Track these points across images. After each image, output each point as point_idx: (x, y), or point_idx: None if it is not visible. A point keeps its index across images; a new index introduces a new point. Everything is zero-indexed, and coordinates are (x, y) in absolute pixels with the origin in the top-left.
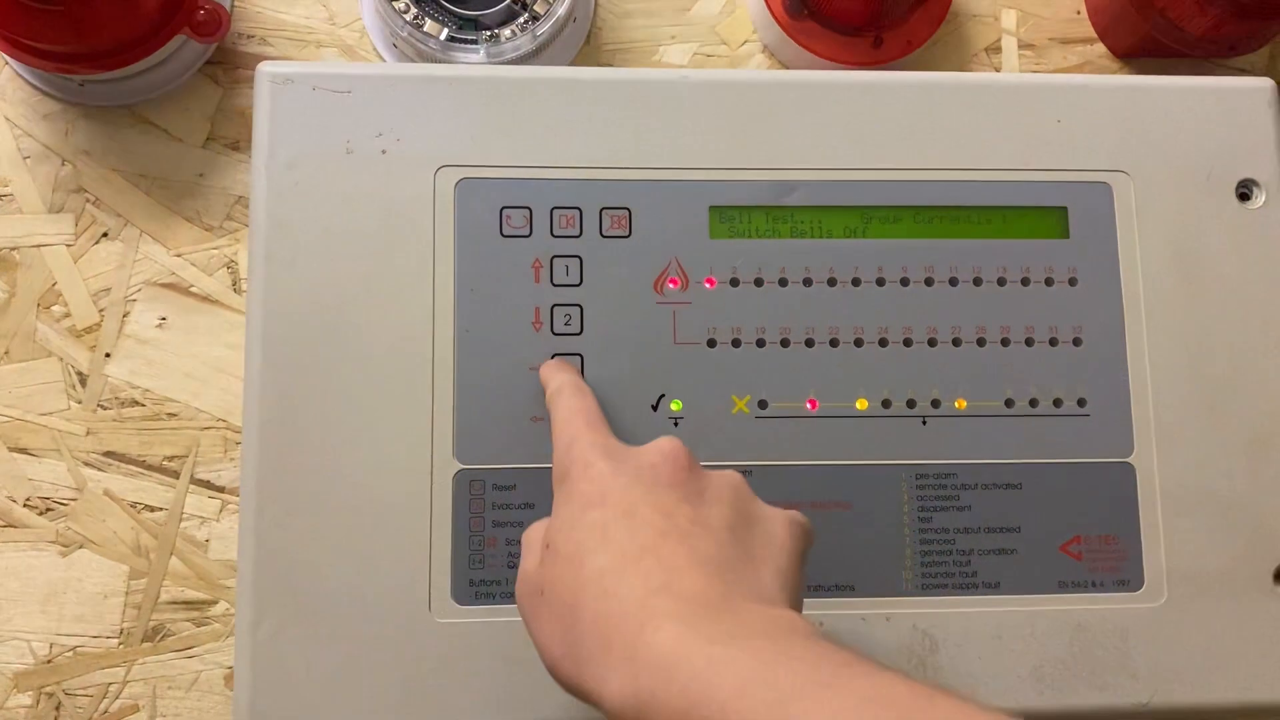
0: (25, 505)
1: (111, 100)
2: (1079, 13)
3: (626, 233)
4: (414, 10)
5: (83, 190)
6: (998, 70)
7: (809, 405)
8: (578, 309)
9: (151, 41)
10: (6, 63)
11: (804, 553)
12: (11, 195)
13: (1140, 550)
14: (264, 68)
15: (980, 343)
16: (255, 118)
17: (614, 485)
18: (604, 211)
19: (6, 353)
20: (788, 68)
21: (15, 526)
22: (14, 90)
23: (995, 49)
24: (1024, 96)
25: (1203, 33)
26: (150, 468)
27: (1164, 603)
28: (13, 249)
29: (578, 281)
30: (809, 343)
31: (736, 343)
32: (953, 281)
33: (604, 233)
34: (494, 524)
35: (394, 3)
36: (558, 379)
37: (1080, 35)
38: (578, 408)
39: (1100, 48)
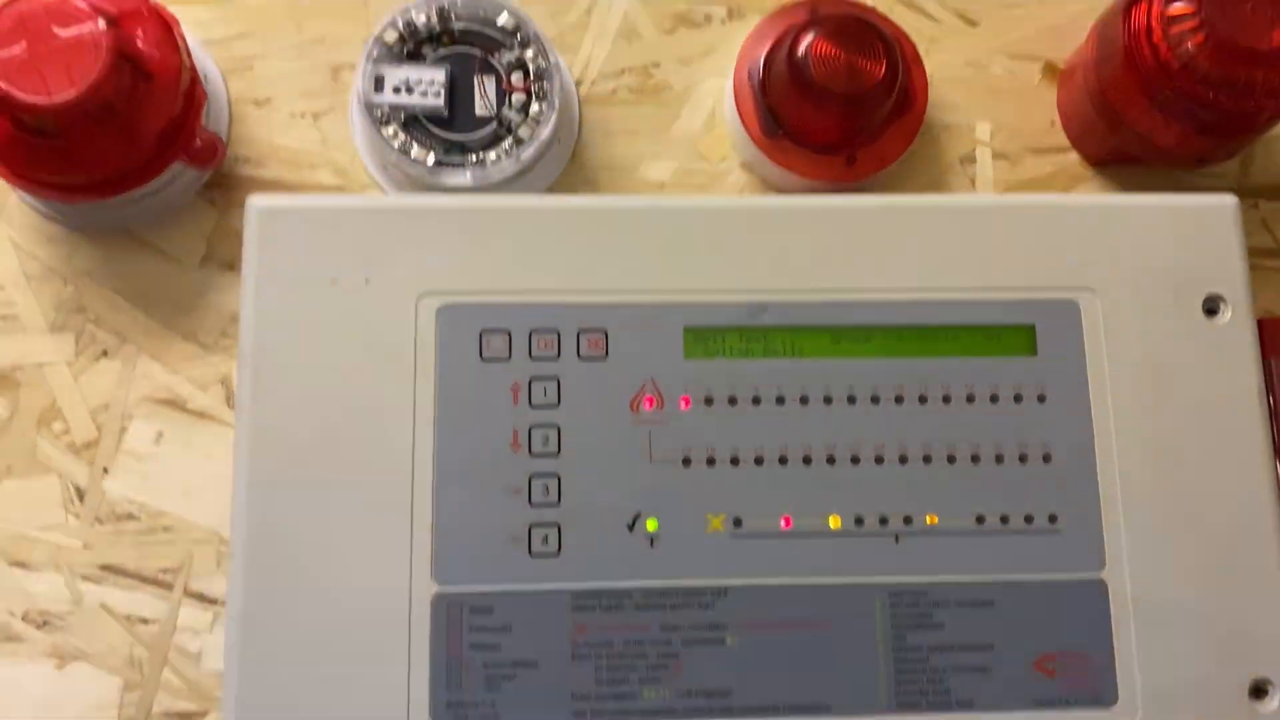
0: (24, 620)
1: (112, 224)
2: (1053, 123)
3: (603, 354)
4: (402, 137)
5: (84, 310)
6: (973, 181)
7: (783, 523)
8: (555, 430)
9: (149, 170)
10: (10, 189)
11: None
12: (16, 315)
13: (1114, 666)
14: (253, 201)
15: (950, 460)
16: (245, 249)
17: None
18: (581, 334)
19: (8, 469)
20: (765, 182)
21: (13, 640)
22: (19, 214)
23: (970, 159)
24: (990, 217)
25: (1170, 146)
26: (146, 580)
27: (1139, 719)
28: (15, 368)
29: (556, 403)
30: (783, 461)
31: (711, 461)
32: (922, 399)
33: (581, 355)
34: (471, 646)
35: (383, 129)
36: None
37: (1054, 144)
38: None
39: (1074, 156)
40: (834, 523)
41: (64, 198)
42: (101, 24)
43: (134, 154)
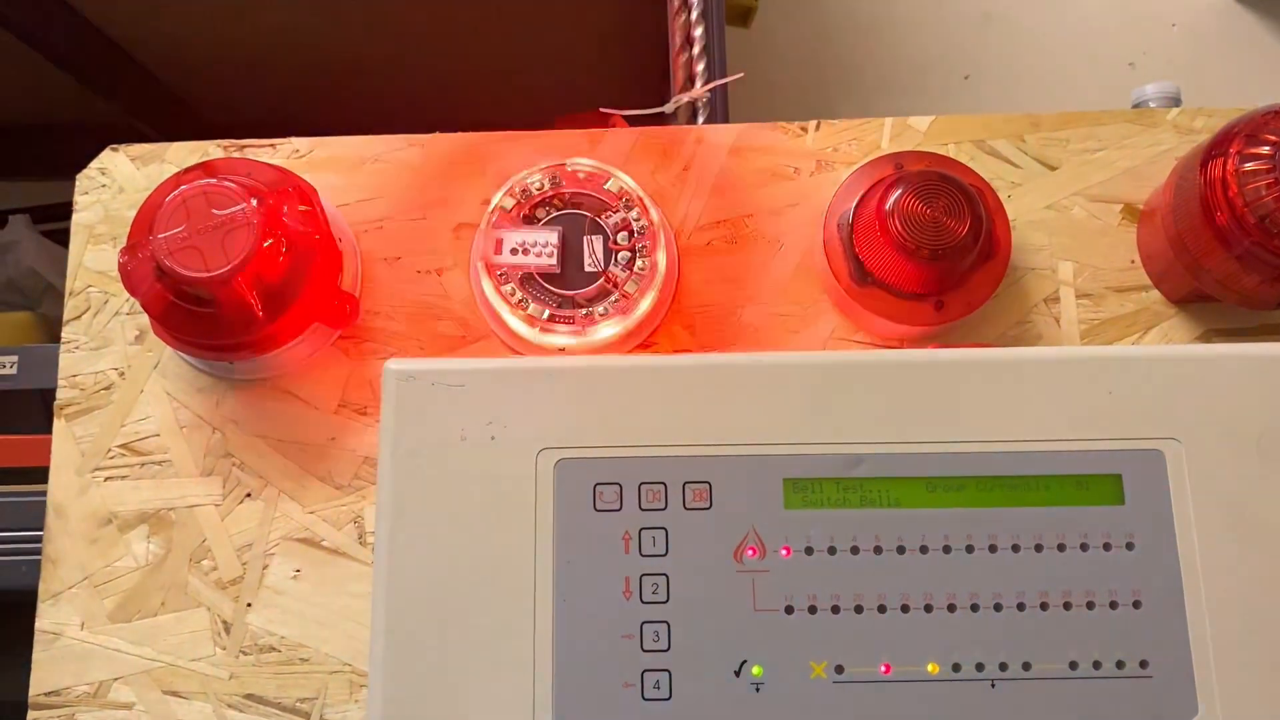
0: None
1: (256, 374)
2: (1133, 261)
3: (708, 505)
4: (519, 294)
5: (230, 455)
6: (1057, 320)
7: (883, 669)
8: (664, 578)
9: (291, 331)
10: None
11: None
12: (170, 460)
13: None
14: (390, 366)
15: (1043, 607)
16: (382, 409)
17: None
18: (687, 485)
19: (163, 604)
20: (855, 326)
21: None
22: (172, 367)
23: (1054, 299)
24: (1076, 370)
25: (1249, 290)
26: (285, 709)
27: None
28: (169, 509)
29: (664, 552)
30: (882, 609)
31: (813, 609)
32: (1014, 548)
33: (687, 505)
34: None
35: (502, 288)
36: None
37: (1135, 284)
38: None
39: (1155, 294)
40: (932, 669)
41: (216, 356)
42: (252, 203)
43: (279, 318)
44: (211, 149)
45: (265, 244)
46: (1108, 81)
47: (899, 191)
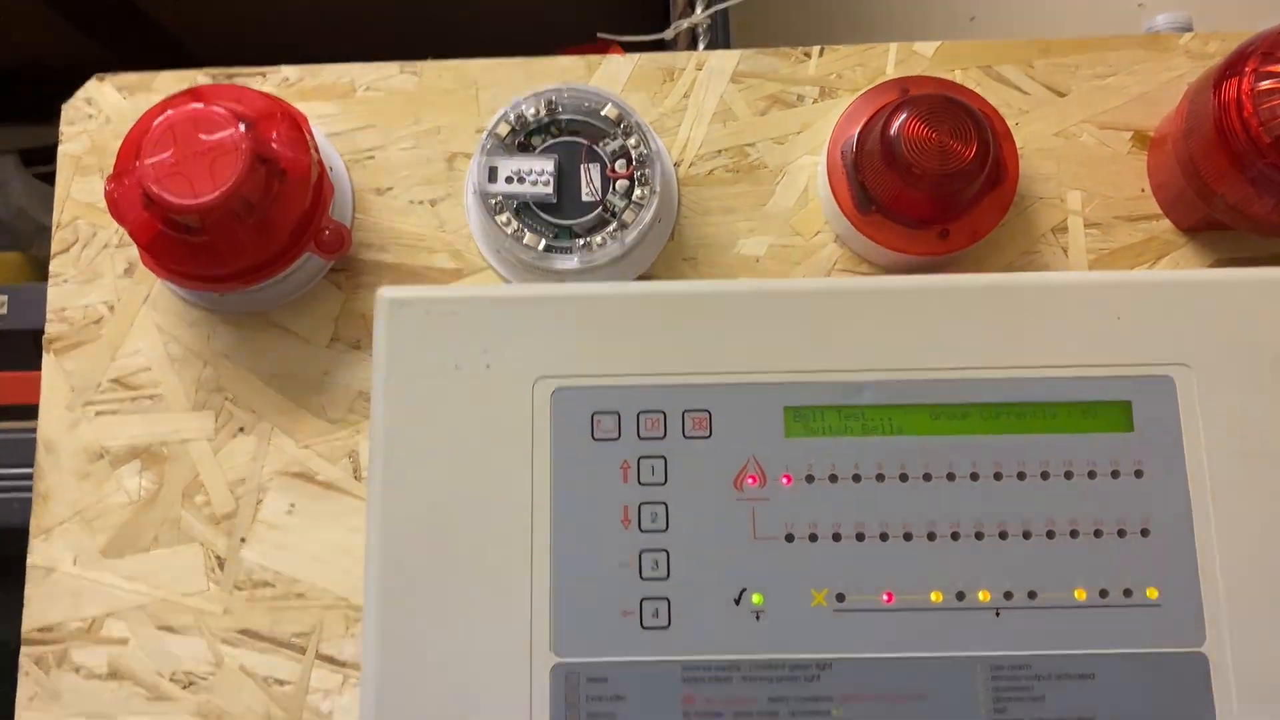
0: (171, 679)
1: (247, 308)
2: (1143, 190)
3: (707, 433)
4: (515, 224)
5: (222, 390)
6: (1065, 250)
7: (885, 598)
8: (663, 507)
9: (282, 261)
10: (156, 278)
11: None
12: (161, 395)
13: None
14: (383, 293)
15: (1049, 535)
16: (375, 337)
17: None
18: (686, 414)
19: (156, 539)
20: (858, 256)
21: (162, 699)
22: (163, 301)
23: (1062, 229)
24: (1084, 295)
25: (1262, 216)
26: (280, 643)
27: None
28: (162, 444)
29: (663, 481)
30: (884, 537)
31: (814, 537)
32: (1020, 476)
33: (686, 434)
34: (589, 715)
35: (497, 217)
36: None
37: (1145, 212)
38: None
39: (1166, 223)
40: (935, 597)
41: (206, 287)
42: (241, 128)
43: (269, 246)
44: (200, 78)
45: (254, 170)
46: (1117, 21)
47: (904, 115)
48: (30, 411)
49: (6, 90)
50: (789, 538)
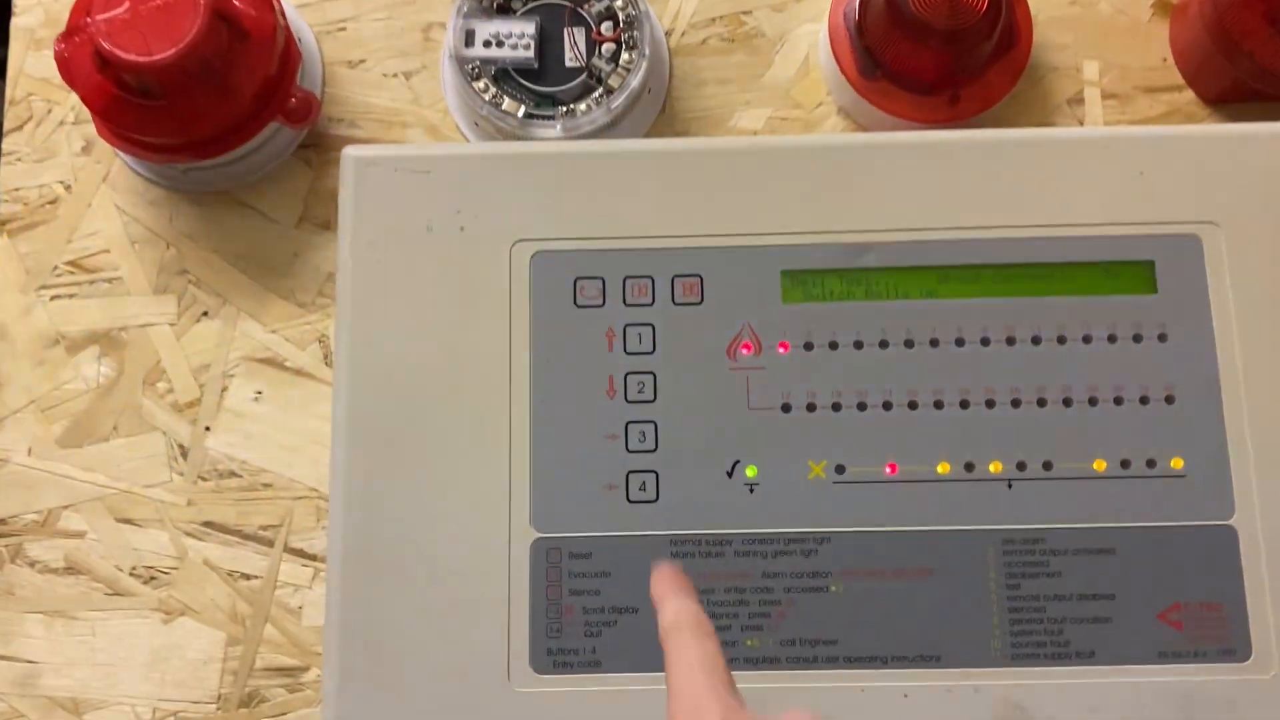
0: (131, 574)
1: (212, 185)
2: (1165, 60)
3: (699, 300)
4: (493, 90)
5: (185, 272)
6: (1081, 123)
7: (888, 470)
8: (651, 377)
9: (247, 130)
10: (115, 154)
11: None
12: (121, 278)
13: (1246, 618)
14: (348, 151)
15: (1066, 403)
16: (340, 199)
17: None
18: (676, 279)
19: (115, 428)
20: (863, 128)
21: (122, 595)
22: (122, 179)
23: (1078, 100)
24: (1104, 149)
25: None
26: (247, 537)
27: (1276, 675)
28: (121, 329)
29: (651, 350)
30: (887, 406)
31: (812, 407)
32: (1035, 340)
33: (676, 300)
34: (571, 593)
35: (474, 84)
36: (673, 607)
37: (1167, 83)
38: (697, 660)
39: (1189, 94)
40: (943, 469)
41: (165, 159)
42: None
43: (232, 113)
44: None
45: (214, 28)
46: None
47: None
48: None
49: None
50: (785, 408)
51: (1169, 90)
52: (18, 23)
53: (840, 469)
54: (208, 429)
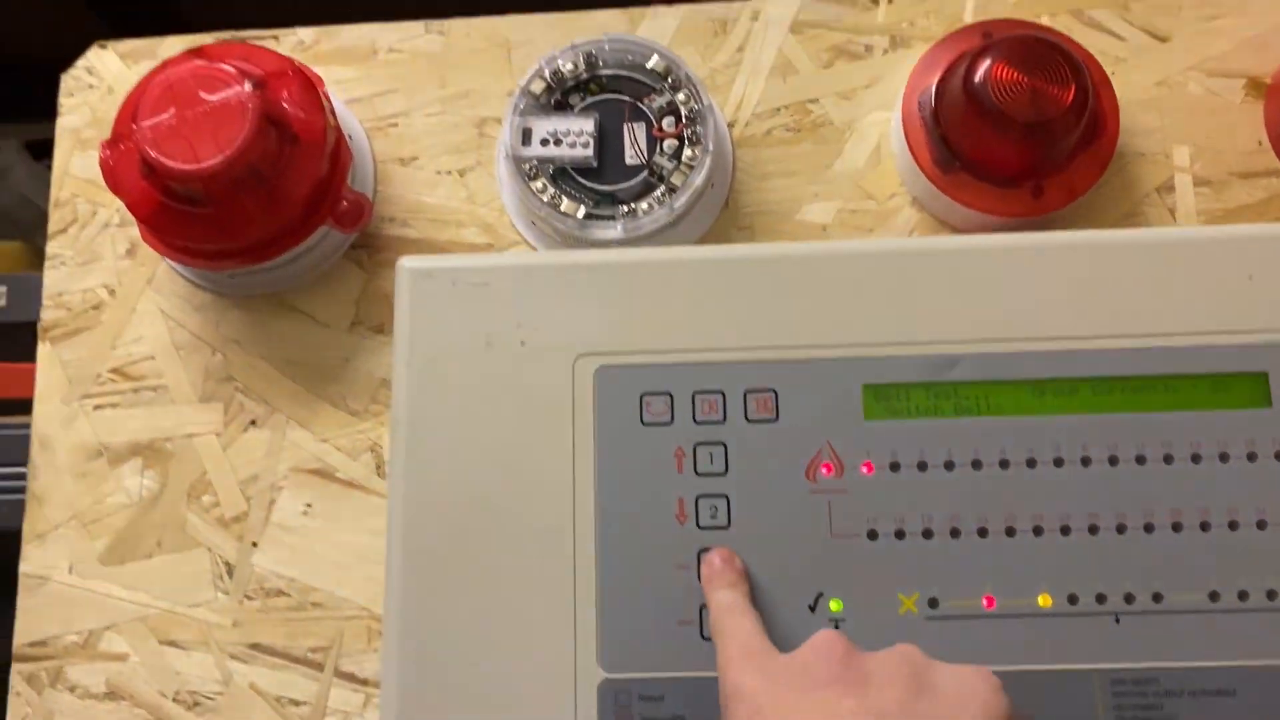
0: (174, 700)
1: (260, 289)
2: (1260, 143)
3: (773, 416)
4: (551, 190)
5: (232, 379)
6: (1172, 212)
7: (985, 603)
8: (724, 500)
9: (296, 234)
10: (160, 257)
11: (1005, 708)
12: (165, 386)
13: None
14: (404, 263)
15: (1176, 528)
16: (396, 312)
17: (768, 701)
18: (748, 394)
19: (158, 544)
20: (940, 221)
21: None
22: (168, 283)
23: (1168, 188)
24: (1208, 252)
25: None
26: (295, 660)
27: None
28: (165, 440)
29: (723, 470)
30: (982, 532)
31: (900, 534)
32: (1140, 460)
33: (749, 417)
34: None
35: (531, 183)
36: (715, 598)
37: (1264, 167)
38: (732, 630)
39: None
40: (1044, 601)
41: (213, 265)
42: (248, 87)
43: (281, 218)
44: (208, 42)
45: (262, 133)
46: None
47: (991, 58)
48: (24, 406)
49: (17, 82)
50: (872, 534)
51: (1266, 175)
52: (63, 123)
53: (933, 603)
54: (255, 545)
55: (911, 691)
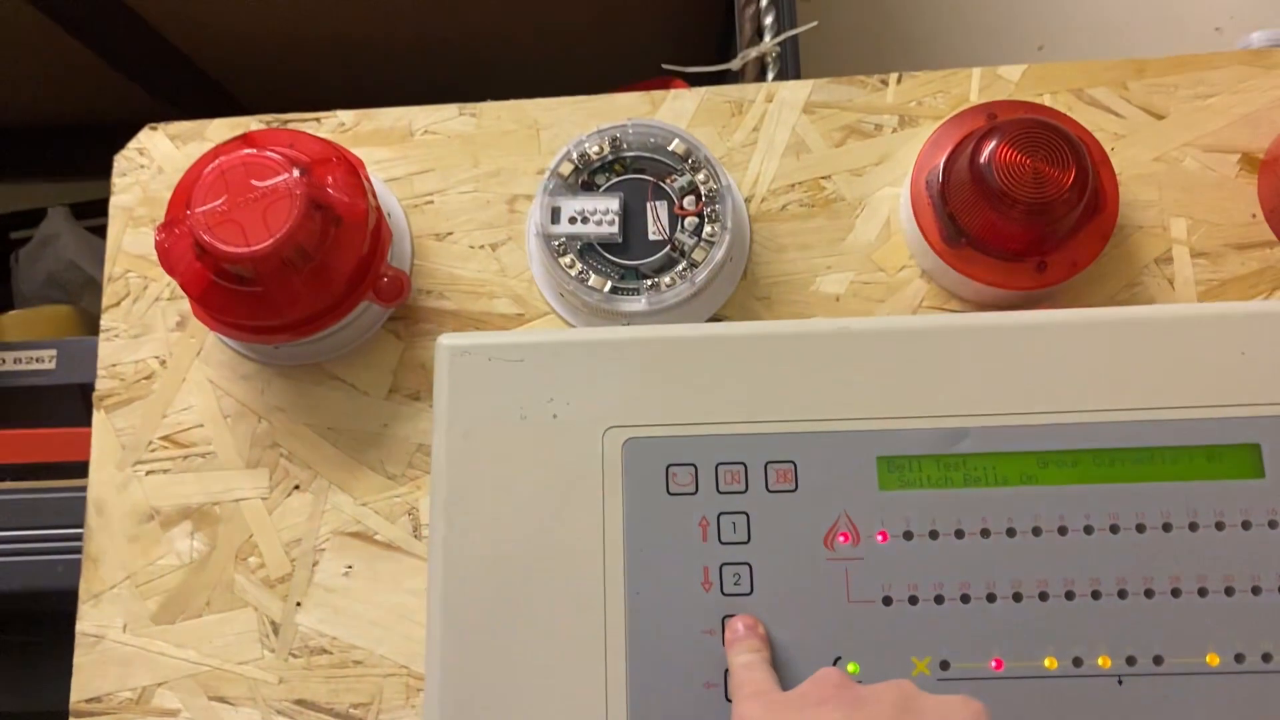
0: None
1: (303, 359)
2: (1254, 216)
3: (793, 487)
4: (579, 265)
5: (276, 445)
6: (1171, 282)
7: (994, 665)
8: (747, 568)
9: (340, 309)
10: (209, 330)
11: None
12: (214, 452)
13: None
14: (443, 340)
15: (1175, 593)
16: (435, 386)
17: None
18: (769, 466)
19: (207, 603)
20: (948, 293)
21: None
22: (215, 354)
23: (1167, 259)
24: (1203, 328)
25: None
26: (338, 715)
27: None
28: (214, 504)
29: (746, 539)
30: (991, 598)
31: (914, 600)
32: (1140, 528)
33: (770, 488)
34: None
35: (560, 259)
36: (738, 660)
37: (1258, 239)
38: (748, 680)
39: None
40: (1050, 664)
41: (260, 339)
42: (295, 173)
43: (326, 295)
44: (253, 124)
45: (309, 216)
46: (1192, 49)
47: (995, 140)
48: (76, 469)
49: (57, 145)
50: (886, 600)
51: (1260, 247)
52: (116, 202)
53: (945, 665)
54: (299, 604)
55: (898, 712)
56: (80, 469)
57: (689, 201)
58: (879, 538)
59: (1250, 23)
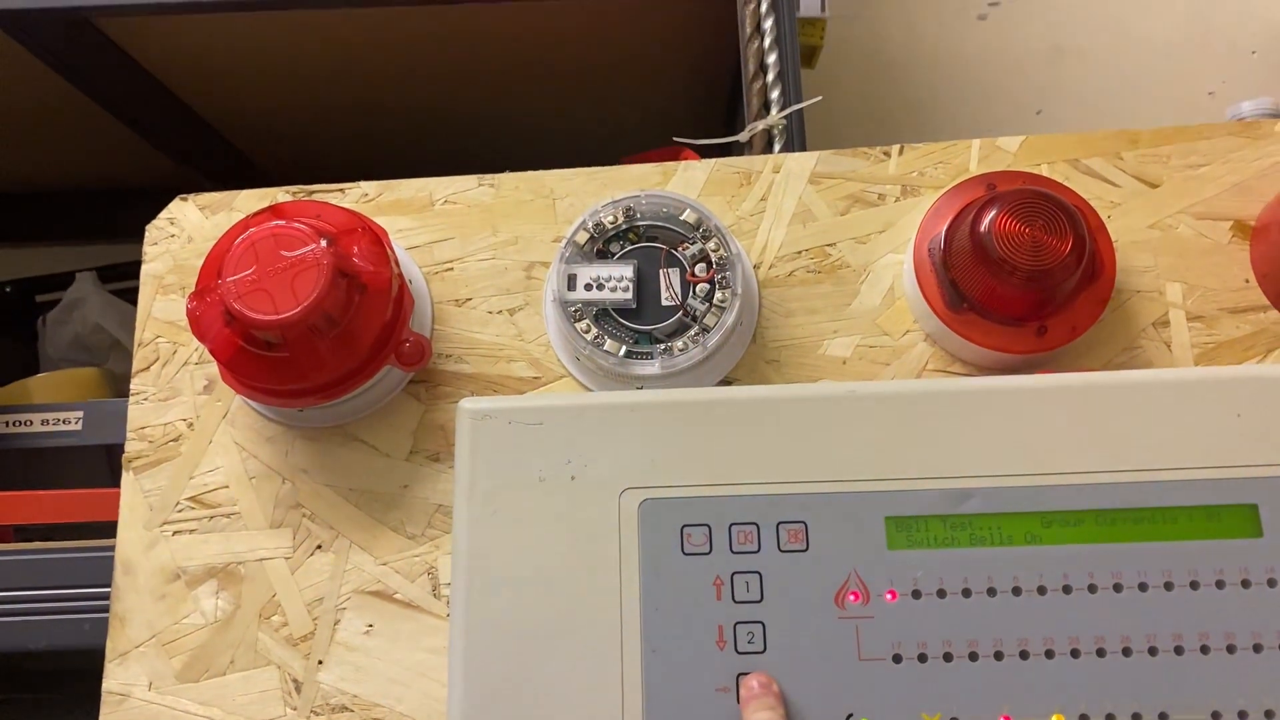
0: None
1: (326, 422)
2: (1247, 281)
3: (804, 546)
4: (595, 330)
5: (300, 506)
6: (1168, 345)
7: None
8: (760, 626)
9: (363, 374)
10: (234, 394)
11: None
12: (239, 513)
13: None
14: (464, 405)
15: (1178, 651)
16: (456, 449)
17: None
18: (781, 526)
19: (232, 662)
20: (951, 356)
21: None
22: (241, 416)
23: (1163, 323)
24: (1199, 392)
25: None
26: None
27: None
28: (239, 564)
29: (759, 598)
30: (998, 655)
31: (923, 658)
32: (1142, 587)
33: (782, 548)
34: None
35: (576, 324)
36: (751, 718)
37: (1251, 304)
38: None
39: (1275, 314)
40: None
41: (286, 403)
42: (322, 244)
43: (350, 360)
44: (280, 195)
45: (335, 285)
46: (1187, 112)
47: (995, 210)
48: (102, 529)
49: (83, 209)
50: (896, 658)
51: (1254, 310)
52: (147, 270)
53: None
54: (320, 662)
55: None
56: (106, 529)
57: (700, 269)
58: (888, 596)
59: (1241, 86)
